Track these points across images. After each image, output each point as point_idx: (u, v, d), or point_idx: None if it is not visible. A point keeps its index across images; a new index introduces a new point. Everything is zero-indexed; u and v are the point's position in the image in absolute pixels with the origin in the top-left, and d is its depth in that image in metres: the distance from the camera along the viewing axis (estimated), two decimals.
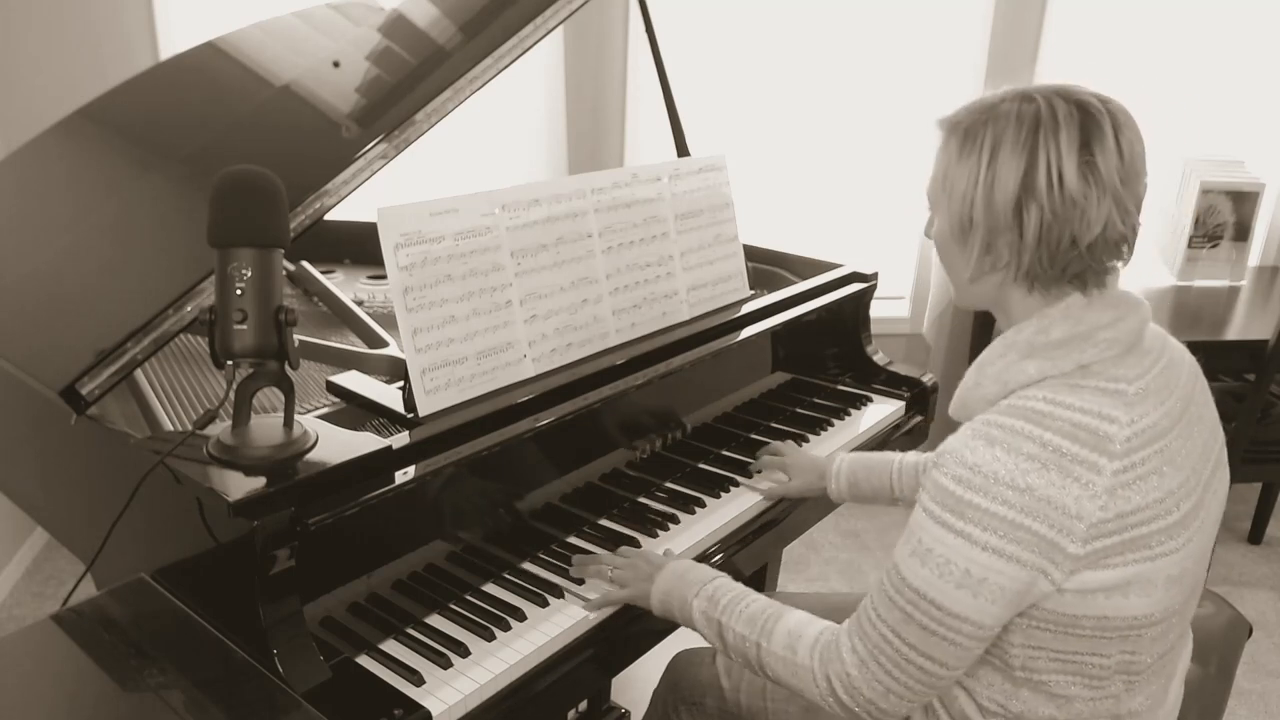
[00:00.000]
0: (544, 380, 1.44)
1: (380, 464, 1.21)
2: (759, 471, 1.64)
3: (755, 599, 1.18)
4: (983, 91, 1.05)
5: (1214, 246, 3.00)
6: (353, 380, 1.45)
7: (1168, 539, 0.98)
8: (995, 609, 0.96)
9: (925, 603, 0.97)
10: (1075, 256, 0.97)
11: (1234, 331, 2.75)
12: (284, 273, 1.30)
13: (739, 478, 1.62)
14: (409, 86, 1.58)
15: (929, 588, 0.97)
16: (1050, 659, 1.01)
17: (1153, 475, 0.96)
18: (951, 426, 1.04)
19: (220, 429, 1.20)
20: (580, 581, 1.34)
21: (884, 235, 3.24)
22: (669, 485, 1.60)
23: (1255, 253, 3.21)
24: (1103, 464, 0.94)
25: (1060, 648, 1.00)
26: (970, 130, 1.00)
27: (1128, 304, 1.02)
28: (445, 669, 1.17)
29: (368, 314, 1.79)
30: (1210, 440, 1.07)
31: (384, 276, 1.40)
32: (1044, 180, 0.95)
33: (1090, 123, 0.96)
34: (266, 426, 1.19)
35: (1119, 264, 1.02)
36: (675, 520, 1.50)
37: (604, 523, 1.49)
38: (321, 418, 1.34)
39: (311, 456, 1.18)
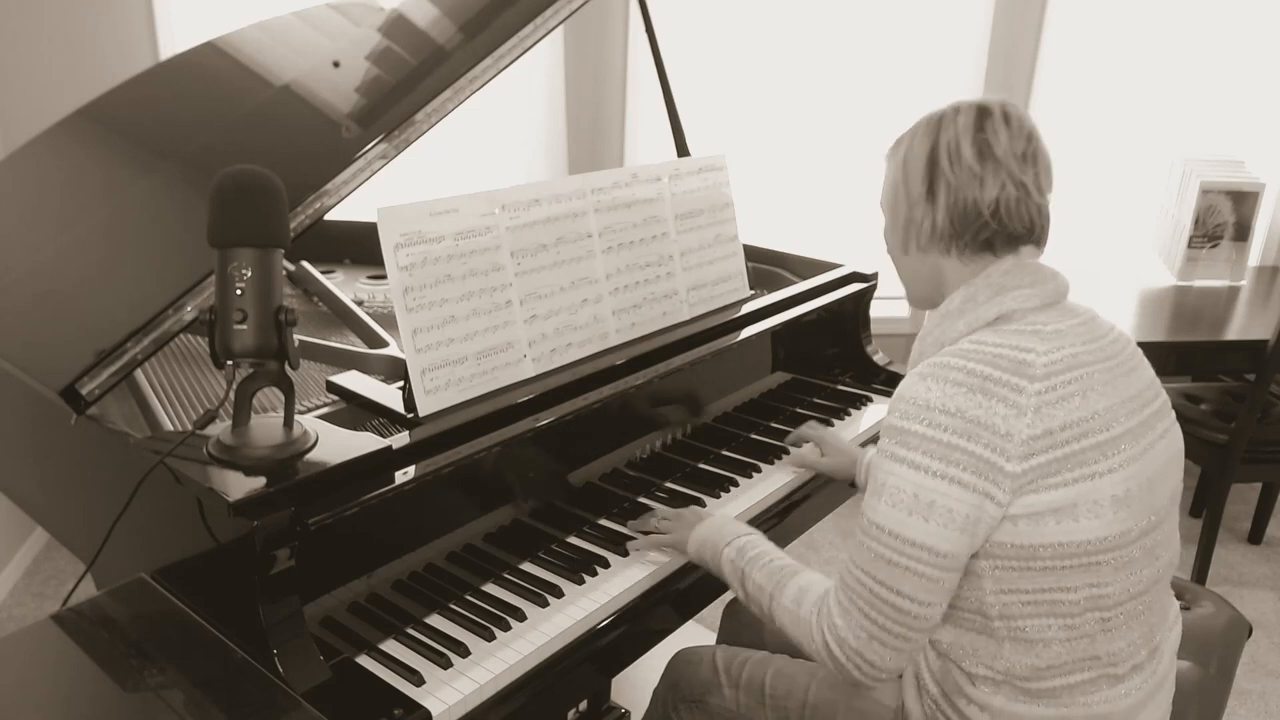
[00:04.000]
0: (544, 380, 1.44)
1: (380, 464, 1.21)
2: (794, 444, 1.72)
3: (780, 556, 1.27)
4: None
5: (1214, 246, 2.99)
6: (353, 380, 1.45)
7: (1103, 456, 1.05)
8: (949, 533, 1.04)
9: (886, 535, 1.06)
10: (983, 223, 1.11)
11: (1234, 331, 2.75)
12: (284, 273, 1.30)
13: (738, 478, 1.62)
14: (409, 86, 1.58)
15: (886, 519, 1.06)
16: (1023, 601, 1.07)
17: (1075, 396, 1.06)
18: None
19: (220, 429, 1.20)
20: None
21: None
22: (669, 485, 1.60)
23: (1255, 253, 3.21)
24: (1024, 385, 1.04)
25: (1028, 586, 1.07)
26: (898, 139, 1.21)
27: (1045, 272, 1.15)
28: (445, 669, 1.17)
29: (368, 314, 1.79)
30: (1148, 390, 1.15)
31: (384, 276, 1.40)
32: (945, 156, 1.12)
33: (983, 113, 1.12)
34: (266, 426, 1.19)
35: (1030, 245, 1.15)
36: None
37: (604, 523, 1.49)
38: (321, 418, 1.34)
39: (311, 456, 1.18)
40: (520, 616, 1.26)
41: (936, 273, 1.18)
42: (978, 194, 1.10)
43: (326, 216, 1.41)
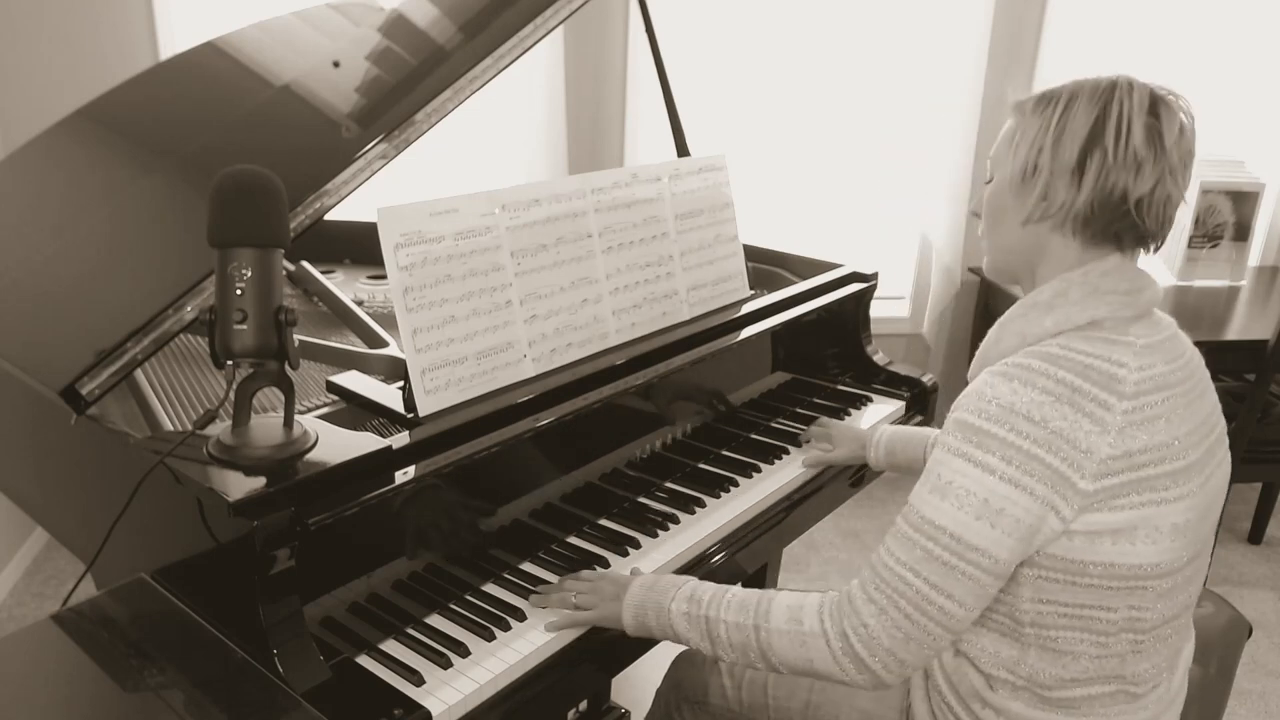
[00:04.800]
0: (544, 380, 1.44)
1: (380, 464, 1.21)
2: (807, 442, 1.73)
3: (738, 589, 1.18)
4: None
5: (1214, 246, 3.00)
6: (353, 380, 1.45)
7: (1173, 484, 1.02)
8: (1010, 541, 1.00)
9: (946, 536, 1.01)
10: (1123, 212, 1.03)
11: (1234, 331, 2.75)
12: (284, 273, 1.30)
13: (738, 477, 1.62)
14: (409, 86, 1.58)
15: (949, 520, 1.01)
16: (1060, 614, 1.05)
17: (1160, 419, 1.02)
18: None
19: (220, 429, 1.20)
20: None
21: (884, 235, 3.24)
22: (669, 485, 1.60)
23: (1255, 253, 3.22)
24: (1113, 402, 0.99)
25: (1069, 600, 1.04)
26: (1047, 94, 1.08)
27: (1144, 279, 1.09)
28: (445, 669, 1.17)
29: (368, 314, 1.79)
30: (1213, 415, 1.12)
31: (384, 276, 1.40)
32: (1113, 130, 1.01)
33: (1158, 98, 1.04)
34: (266, 426, 1.19)
35: (1153, 243, 1.08)
36: (675, 520, 1.50)
37: (604, 523, 1.49)
38: (321, 418, 1.34)
39: (311, 456, 1.18)
40: (520, 616, 1.26)
41: (1039, 251, 1.10)
42: (1130, 183, 1.02)
43: (326, 216, 1.41)
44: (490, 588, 1.33)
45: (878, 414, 1.88)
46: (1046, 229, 1.08)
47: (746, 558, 1.53)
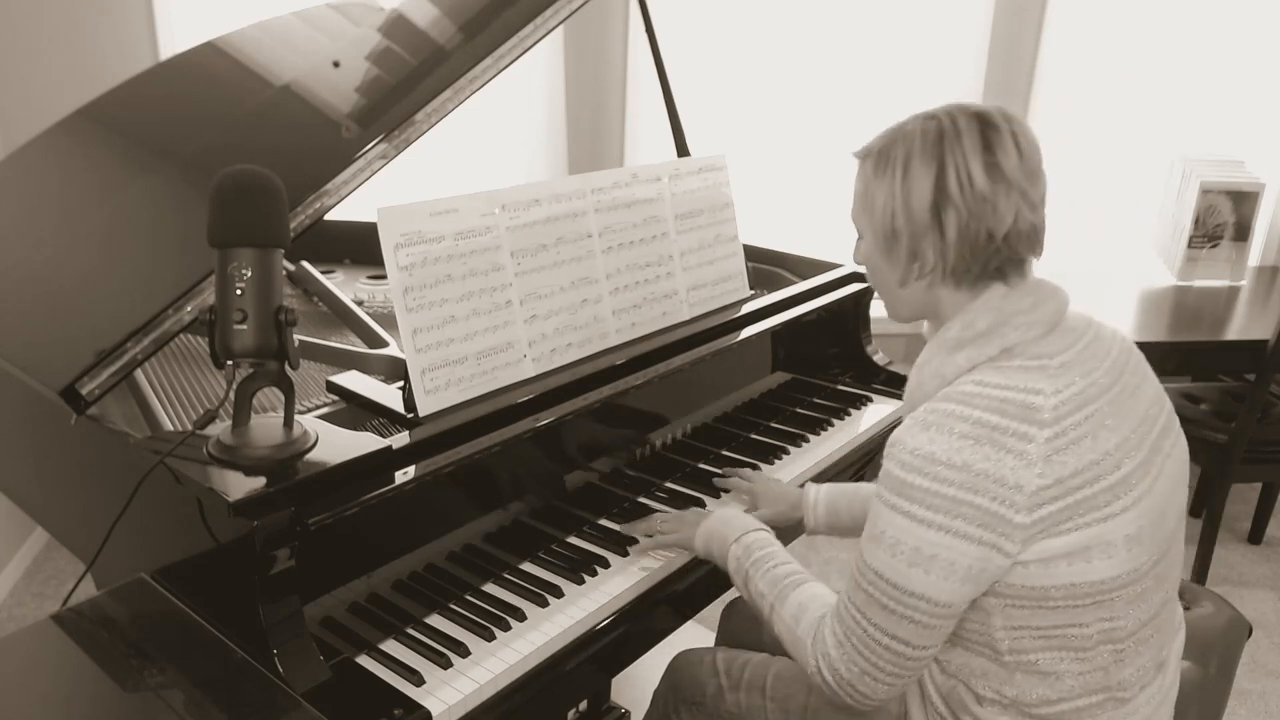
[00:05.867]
0: (544, 380, 1.44)
1: (380, 464, 1.21)
2: (726, 491, 1.58)
3: (784, 562, 1.24)
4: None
5: (1214, 246, 2.99)
6: (353, 380, 1.45)
7: (1115, 497, 1.01)
8: (950, 585, 1.00)
9: (884, 583, 1.03)
10: (994, 250, 1.04)
11: (1234, 331, 2.75)
12: (284, 273, 1.30)
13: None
14: (409, 86, 1.58)
15: (885, 568, 1.03)
16: (1034, 637, 1.05)
17: (1085, 439, 1.01)
18: None
19: (220, 429, 1.20)
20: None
21: None
22: (669, 485, 1.60)
23: (1255, 253, 3.21)
24: (1034, 433, 0.98)
25: (1040, 623, 1.04)
26: (882, 152, 1.08)
27: (1045, 290, 1.09)
28: (445, 669, 1.17)
29: (368, 314, 1.79)
30: (1152, 408, 1.10)
31: (384, 276, 1.40)
32: (955, 184, 1.03)
33: (989, 128, 1.04)
34: (266, 426, 1.19)
35: (1033, 257, 1.09)
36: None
37: (603, 523, 1.49)
38: (321, 418, 1.34)
39: (311, 456, 1.18)
40: (520, 616, 1.26)
41: (931, 304, 1.11)
42: (991, 224, 1.03)
43: (326, 216, 1.41)
44: (490, 588, 1.33)
45: (877, 414, 1.88)
46: (926, 285, 1.09)
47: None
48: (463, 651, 1.20)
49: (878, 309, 2.10)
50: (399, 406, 1.35)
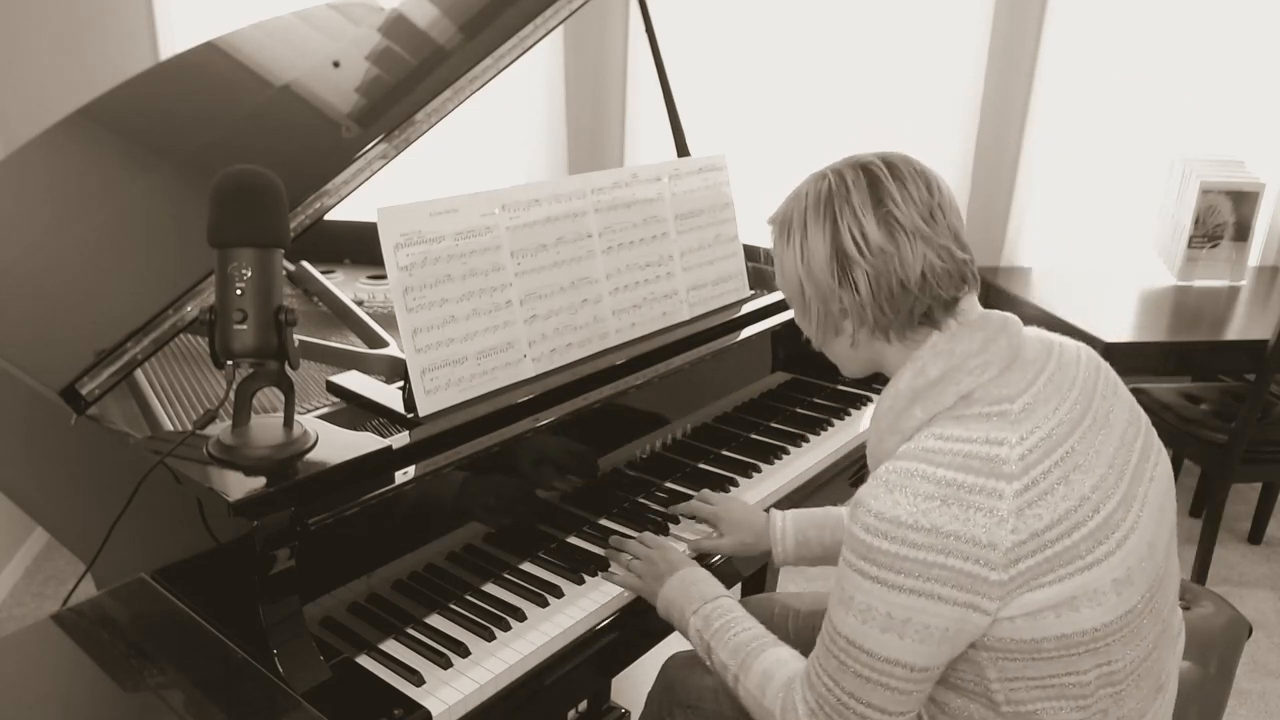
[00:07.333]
0: (544, 380, 1.44)
1: (380, 464, 1.21)
2: (690, 517, 1.50)
3: (745, 628, 1.19)
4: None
5: (1214, 246, 3.00)
6: (353, 380, 1.45)
7: (1096, 544, 0.97)
8: (925, 649, 0.96)
9: (856, 650, 0.99)
10: (913, 298, 1.02)
11: (1234, 331, 2.75)
12: (284, 273, 1.30)
13: (738, 478, 1.62)
14: (409, 86, 1.58)
15: (857, 635, 0.98)
16: (1030, 687, 1.01)
17: (1058, 486, 0.96)
18: None
19: (220, 429, 1.20)
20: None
21: None
22: (669, 485, 1.60)
23: (1255, 253, 3.22)
24: (1002, 488, 0.94)
25: (1035, 674, 0.99)
26: (782, 220, 1.09)
27: (993, 324, 1.04)
28: (445, 669, 1.17)
29: (368, 314, 1.79)
30: (1128, 429, 1.06)
31: (384, 276, 1.40)
32: (850, 242, 1.01)
33: (873, 180, 1.02)
34: (266, 426, 1.19)
35: (962, 293, 1.05)
36: (675, 520, 1.50)
37: (603, 522, 1.49)
38: (321, 418, 1.34)
39: (311, 456, 1.18)
40: (520, 616, 1.26)
41: (872, 357, 1.09)
42: (900, 273, 1.00)
43: (326, 216, 1.41)
44: (490, 588, 1.33)
45: None
46: (857, 342, 1.07)
47: (744, 560, 1.53)
48: (463, 651, 1.20)
49: None
50: (399, 406, 1.35)
